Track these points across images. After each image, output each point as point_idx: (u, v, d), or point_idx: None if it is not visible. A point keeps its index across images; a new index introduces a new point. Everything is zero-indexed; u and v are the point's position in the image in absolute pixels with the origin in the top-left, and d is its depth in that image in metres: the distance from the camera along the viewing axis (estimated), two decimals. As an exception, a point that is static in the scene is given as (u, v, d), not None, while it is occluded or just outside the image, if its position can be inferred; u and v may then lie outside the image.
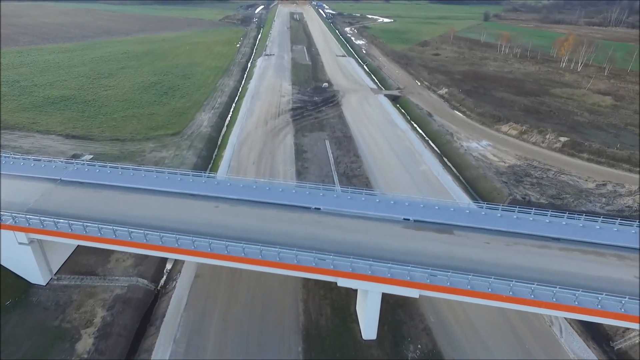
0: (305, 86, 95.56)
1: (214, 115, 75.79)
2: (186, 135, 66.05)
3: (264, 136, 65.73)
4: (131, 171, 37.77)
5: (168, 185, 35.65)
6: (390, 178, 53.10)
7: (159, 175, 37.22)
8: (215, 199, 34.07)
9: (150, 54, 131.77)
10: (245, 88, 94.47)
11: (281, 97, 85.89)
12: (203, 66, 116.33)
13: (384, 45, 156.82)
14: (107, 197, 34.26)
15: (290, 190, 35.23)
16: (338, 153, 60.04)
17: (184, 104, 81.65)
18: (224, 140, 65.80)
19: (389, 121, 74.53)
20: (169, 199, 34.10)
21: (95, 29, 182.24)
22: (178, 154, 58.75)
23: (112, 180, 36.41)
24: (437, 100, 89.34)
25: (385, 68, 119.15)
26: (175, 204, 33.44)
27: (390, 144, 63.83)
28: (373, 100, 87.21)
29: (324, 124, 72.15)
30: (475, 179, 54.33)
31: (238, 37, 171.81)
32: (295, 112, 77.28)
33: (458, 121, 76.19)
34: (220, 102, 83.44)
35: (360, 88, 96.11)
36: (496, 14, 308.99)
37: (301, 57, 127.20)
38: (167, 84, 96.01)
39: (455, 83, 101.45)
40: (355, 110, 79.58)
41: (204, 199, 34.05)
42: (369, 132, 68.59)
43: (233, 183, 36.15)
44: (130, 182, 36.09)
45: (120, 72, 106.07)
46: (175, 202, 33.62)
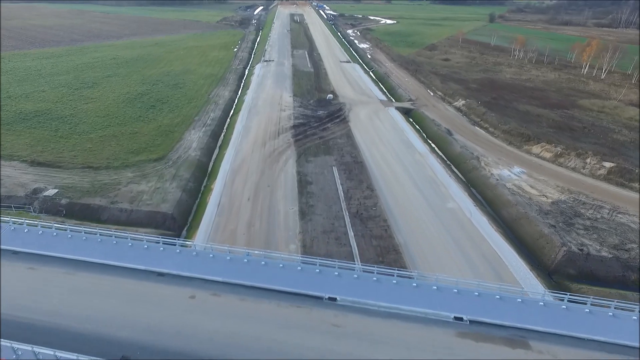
0: (308, 98, 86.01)
1: (205, 134, 66.25)
2: (171, 161, 56.53)
3: (262, 162, 56.22)
4: (83, 235, 28.34)
5: (129, 258, 26.23)
6: (413, 220, 43.62)
7: (119, 242, 27.75)
8: (191, 281, 24.63)
9: (141, 59, 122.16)
10: (242, 100, 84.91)
11: (281, 112, 76.35)
12: (196, 74, 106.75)
13: (390, 49, 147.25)
14: (42, 278, 24.83)
15: (294, 268, 25.77)
16: (348, 185, 50.55)
17: (172, 120, 72.11)
18: (214, 168, 56.26)
19: (404, 141, 65.02)
20: (127, 280, 24.66)
21: (86, 32, 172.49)
22: (159, 187, 49.21)
23: (56, 249, 27.00)
24: (454, 114, 79.83)
25: (394, 75, 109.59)
26: (135, 290, 23.97)
27: (409, 172, 54.33)
28: (384, 114, 77.69)
29: (331, 145, 62.67)
30: (515, 221, 44.87)
31: (235, 41, 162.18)
32: (297, 130, 67.77)
33: (482, 140, 66.71)
34: (213, 118, 73.89)
35: (369, 100, 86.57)
36: (501, 15, 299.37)
37: (302, 64, 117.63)
38: (155, 95, 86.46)
39: (472, 93, 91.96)
40: (364, 128, 70.08)
41: (176, 282, 24.63)
42: (382, 156, 59.10)
43: (217, 255, 26.64)
44: (79, 252, 26.66)
45: (106, 81, 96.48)
46: (135, 288, 24.17)
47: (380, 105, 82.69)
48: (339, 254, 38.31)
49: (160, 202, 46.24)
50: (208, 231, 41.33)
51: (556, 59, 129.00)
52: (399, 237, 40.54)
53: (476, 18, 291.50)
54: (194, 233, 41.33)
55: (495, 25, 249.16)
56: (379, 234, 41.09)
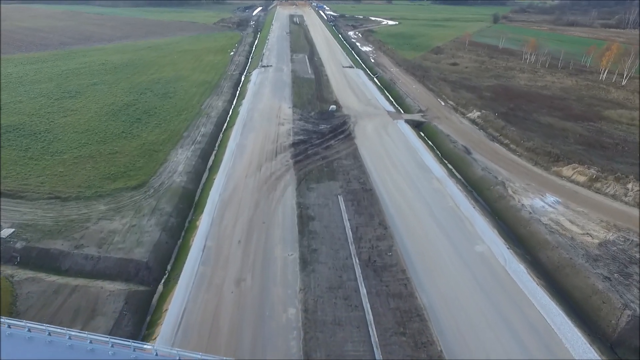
0: (309, 109, 78.23)
1: (193, 154, 58.54)
2: (152, 189, 48.82)
3: (257, 190, 48.50)
4: (6, 328, 20.69)
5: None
6: (438, 271, 35.93)
7: (55, 341, 20.07)
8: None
9: (131, 65, 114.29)
10: (237, 112, 77.15)
11: (279, 126, 68.60)
12: (189, 81, 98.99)
13: (394, 53, 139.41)
14: None
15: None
16: (357, 220, 42.88)
17: (158, 137, 64.37)
18: (202, 198, 48.50)
19: (417, 162, 57.31)
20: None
21: (77, 34, 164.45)
22: (135, 225, 41.53)
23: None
24: (469, 127, 72.13)
25: (400, 82, 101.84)
26: None
27: (427, 203, 46.62)
28: (392, 128, 69.97)
29: (335, 167, 54.96)
30: (559, 270, 37.21)
31: (232, 44, 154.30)
32: (297, 148, 60.07)
33: (504, 160, 59.05)
34: (203, 134, 66.16)
35: (375, 111, 78.81)
36: (505, 15, 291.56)
37: (303, 69, 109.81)
38: (142, 106, 78.68)
39: (486, 103, 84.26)
40: (373, 145, 62.39)
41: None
42: (394, 182, 51.40)
43: (186, 367, 19.03)
44: None
45: (91, 89, 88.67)
46: None
47: (388, 118, 74.94)
48: (348, 320, 30.74)
49: (135, 245, 38.57)
50: (189, 287, 33.64)
51: (571, 64, 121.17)
52: (422, 295, 32.88)
53: (479, 19, 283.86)
54: (172, 290, 33.64)
55: (499, 26, 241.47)
56: (397, 291, 33.43)
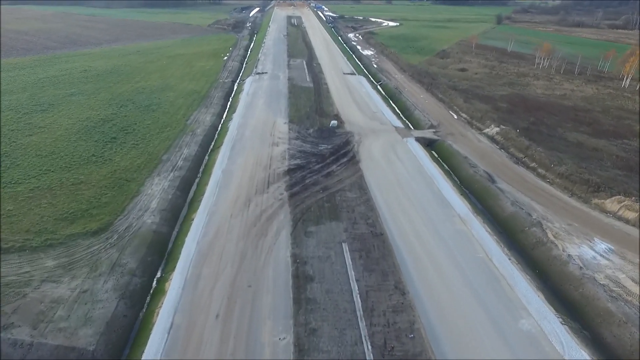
0: (307, 125, 69.18)
1: (171, 184, 49.50)
2: (117, 234, 39.84)
3: (243, 236, 39.51)
4: None
5: None
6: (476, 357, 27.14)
7: None
8: None
9: (115, 72, 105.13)
10: (226, 128, 68.08)
11: (273, 147, 59.59)
12: (176, 90, 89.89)
13: (397, 57, 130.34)
14: None
15: None
16: (368, 281, 33.94)
17: (133, 161, 55.32)
18: (176, 247, 39.41)
19: (434, 194, 48.35)
20: None
21: (63, 38, 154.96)
22: (87, 290, 32.53)
23: None
24: (488, 146, 63.23)
25: (406, 91, 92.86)
26: None
27: (452, 254, 37.70)
28: (402, 148, 61.01)
29: (338, 202, 45.98)
30: (633, 355, 28.37)
31: (227, 47, 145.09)
32: (293, 176, 51.06)
33: (534, 190, 50.16)
34: (186, 157, 57.12)
35: (381, 127, 69.80)
36: (508, 16, 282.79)
37: (300, 77, 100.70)
38: (121, 121, 69.62)
39: (504, 116, 75.37)
40: (381, 171, 53.41)
41: None
42: (409, 222, 42.46)
43: None
44: None
45: (66, 101, 79.54)
46: None
47: (396, 135, 65.96)
48: None
49: (82, 323, 29.59)
50: (145, 394, 24.76)
51: (588, 69, 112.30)
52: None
53: (482, 19, 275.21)
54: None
55: (503, 28, 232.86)
56: (425, 400, 24.61)
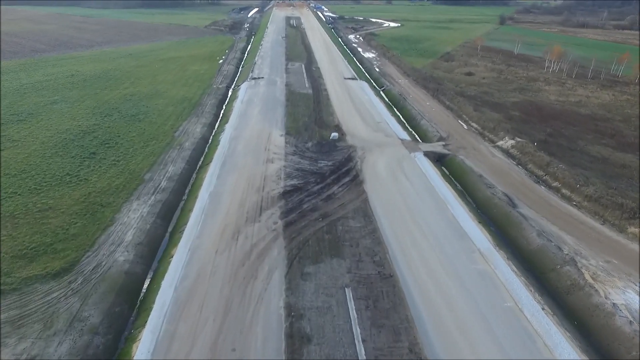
0: (305, 137, 63.22)
1: (152, 210, 43.55)
2: (82, 276, 33.89)
3: (229, 279, 33.56)
4: None
5: None
6: None
7: None
8: None
9: (103, 77, 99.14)
10: (216, 142, 62.10)
11: (268, 164, 53.63)
12: (167, 97, 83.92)
13: (400, 60, 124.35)
14: None
15: None
16: (377, 342, 28.01)
17: (111, 181, 49.37)
18: (150, 292, 33.36)
19: (449, 222, 42.39)
20: None
21: (53, 40, 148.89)
22: (36, 357, 26.62)
23: None
24: (504, 162, 57.26)
25: (411, 97, 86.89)
26: None
27: (476, 302, 31.73)
28: (410, 165, 55.04)
29: (340, 233, 40.02)
30: None
31: (223, 50, 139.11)
32: (289, 200, 45.12)
33: (561, 216, 44.20)
34: (171, 176, 51.15)
35: (386, 139, 63.82)
36: (510, 16, 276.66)
37: (299, 82, 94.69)
38: (103, 133, 63.68)
39: (518, 126, 69.43)
40: (387, 193, 47.45)
41: None
42: (422, 259, 36.53)
43: None
44: None
45: (47, 110, 73.59)
46: None
47: (402, 149, 59.99)
48: None
49: (23, 405, 23.70)
50: None
51: (602, 73, 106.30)
52: None
53: (484, 20, 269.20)
54: None
55: (507, 28, 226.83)
56: None
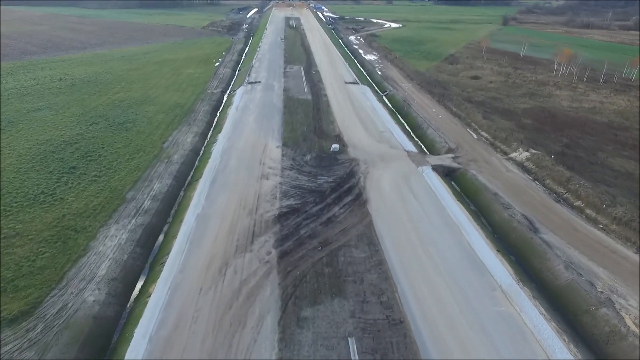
0: (304, 148, 58.29)
1: (131, 238, 38.63)
2: (43, 322, 28.99)
3: (213, 327, 28.68)
4: None
5: None
6: None
7: None
8: None
9: (93, 81, 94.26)
10: (208, 154, 57.22)
11: (262, 181, 48.76)
12: (158, 103, 79.02)
13: (403, 63, 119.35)
14: None
15: None
16: (387, 414, 23.20)
17: (89, 201, 44.50)
18: (121, 346, 28.38)
19: (465, 251, 37.48)
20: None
21: (45, 41, 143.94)
22: None
23: None
24: (520, 177, 52.32)
25: (416, 103, 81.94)
26: None
27: (500, 354, 26.90)
28: (417, 181, 50.12)
29: (342, 265, 35.14)
30: None
31: (220, 52, 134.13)
32: (284, 225, 40.24)
33: (589, 243, 39.27)
34: (155, 195, 46.26)
35: (391, 151, 58.88)
36: (513, 16, 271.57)
37: (298, 87, 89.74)
38: (86, 144, 58.80)
39: (531, 135, 64.53)
40: (394, 216, 42.52)
41: None
42: (438, 300, 31.60)
43: None
44: None
45: (29, 118, 68.72)
46: None
47: (409, 163, 55.07)
48: None
49: None
50: None
51: (615, 77, 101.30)
52: None
53: (487, 20, 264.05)
54: None
55: (510, 29, 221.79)
56: None
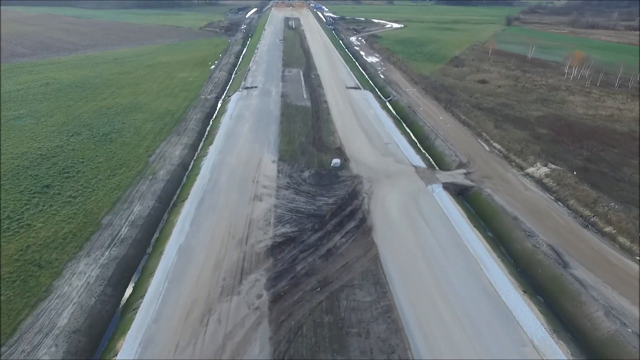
0: (302, 163, 52.95)
1: (102, 275, 33.29)
2: (-18, 393, 23.85)
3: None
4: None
5: None
6: None
7: None
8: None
9: (81, 85, 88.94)
10: (197, 169, 51.91)
11: (255, 202, 43.47)
12: (147, 111, 73.71)
13: (406, 65, 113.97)
14: None
15: None
16: None
17: (60, 229, 39.16)
18: None
19: (488, 297, 32.12)
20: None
21: (36, 43, 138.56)
22: None
23: None
24: (541, 197, 46.99)
25: (421, 110, 76.60)
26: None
27: None
28: (428, 203, 44.81)
29: (344, 312, 29.87)
30: None
31: (216, 54, 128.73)
32: (278, 259, 34.95)
33: (629, 282, 33.94)
34: (134, 220, 40.96)
35: (397, 166, 53.54)
36: (516, 17, 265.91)
37: (296, 92, 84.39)
38: (65, 158, 53.48)
39: (548, 147, 59.22)
40: (404, 248, 37.19)
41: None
42: None
43: None
44: None
45: (8, 127, 63.40)
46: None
47: (417, 180, 49.74)
48: None
49: None
50: None
51: (630, 82, 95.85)
52: None
53: (490, 20, 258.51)
54: None
55: (514, 29, 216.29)
56: None
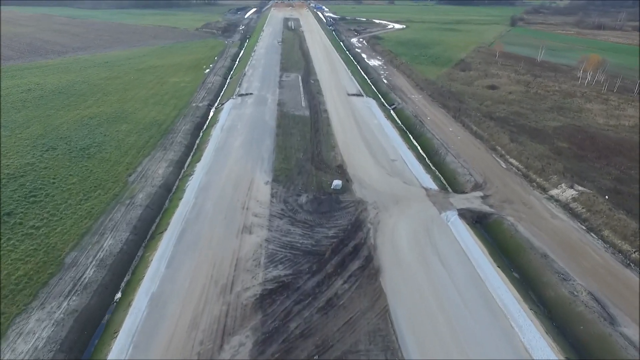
0: (299, 185, 46.83)
1: (53, 337, 26.98)
2: None
3: None
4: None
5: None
6: None
7: None
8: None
9: (65, 91, 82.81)
10: (181, 192, 45.80)
11: (244, 235, 37.40)
12: (133, 121, 67.61)
13: (411, 69, 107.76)
14: None
15: None
16: None
17: (14, 270, 33.04)
18: None
19: None
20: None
21: (25, 45, 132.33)
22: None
23: None
24: (571, 227, 40.91)
25: (429, 120, 70.44)
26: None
27: None
28: (443, 235, 38.72)
29: (348, 391, 23.88)
30: None
31: (212, 56, 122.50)
32: (268, 314, 28.85)
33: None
34: (104, 258, 34.81)
35: (405, 188, 47.36)
36: (520, 17, 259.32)
37: (294, 100, 78.22)
38: (35, 177, 47.40)
39: (571, 164, 53.12)
40: (418, 297, 31.11)
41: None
42: None
43: None
44: None
45: (-24, 141, 57.43)
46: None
47: (429, 206, 43.61)
48: None
49: None
50: None
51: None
52: None
53: (493, 21, 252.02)
54: None
55: (519, 30, 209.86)
56: None
